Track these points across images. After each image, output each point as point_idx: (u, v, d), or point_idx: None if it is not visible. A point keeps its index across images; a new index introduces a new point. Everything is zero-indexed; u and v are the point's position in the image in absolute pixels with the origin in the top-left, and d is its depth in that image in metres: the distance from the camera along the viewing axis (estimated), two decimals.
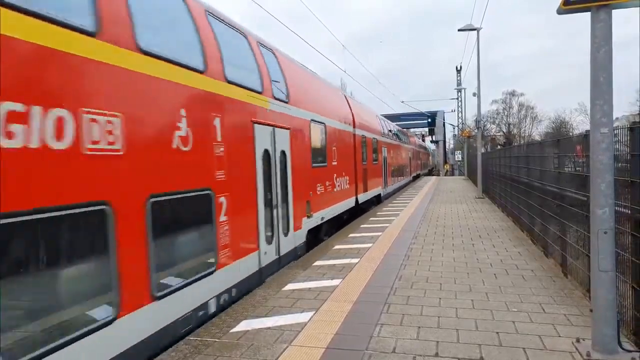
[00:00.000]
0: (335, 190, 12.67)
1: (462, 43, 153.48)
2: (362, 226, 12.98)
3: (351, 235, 11.48)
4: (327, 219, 11.76)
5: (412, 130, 54.12)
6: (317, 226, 10.83)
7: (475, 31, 22.93)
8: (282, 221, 8.59)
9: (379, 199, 20.33)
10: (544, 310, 5.63)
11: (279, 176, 8.51)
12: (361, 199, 16.14)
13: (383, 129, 22.75)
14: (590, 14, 4.26)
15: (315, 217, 10.60)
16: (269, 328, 5.30)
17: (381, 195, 20.87)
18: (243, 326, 5.39)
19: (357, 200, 15.52)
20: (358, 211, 15.91)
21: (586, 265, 5.65)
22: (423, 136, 66.90)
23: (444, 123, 65.15)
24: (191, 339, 5.06)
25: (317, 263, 8.51)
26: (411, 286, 6.82)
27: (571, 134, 33.27)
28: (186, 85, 5.56)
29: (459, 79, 54.65)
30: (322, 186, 11.39)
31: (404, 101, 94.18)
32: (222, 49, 6.64)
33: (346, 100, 15.88)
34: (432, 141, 70.96)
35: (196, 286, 5.59)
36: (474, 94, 37.76)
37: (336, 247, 10.00)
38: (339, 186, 13.04)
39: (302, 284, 7.13)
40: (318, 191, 11.00)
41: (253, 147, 7.41)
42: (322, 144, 11.64)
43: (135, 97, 4.65)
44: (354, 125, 15.71)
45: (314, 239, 10.76)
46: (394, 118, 41.38)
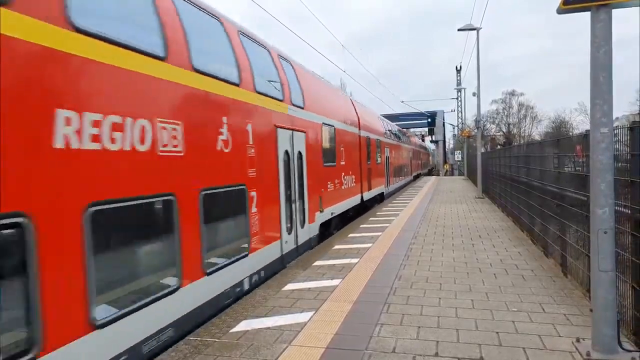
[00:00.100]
0: (343, 187, 13.56)
1: (462, 43, 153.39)
2: (362, 226, 12.98)
3: (351, 235, 11.48)
4: (336, 214, 12.61)
5: (411, 130, 54.11)
6: (327, 220, 11.69)
7: (475, 31, 22.95)
8: (299, 214, 9.51)
9: (381, 197, 20.98)
10: (544, 310, 5.63)
11: (296, 174, 9.41)
12: (366, 196, 16.85)
13: (385, 130, 23.32)
14: (590, 13, 4.26)
15: (326, 211, 11.50)
16: (268, 328, 5.30)
17: (384, 193, 21.45)
18: (243, 326, 5.39)
19: (362, 198, 16.25)
20: (363, 208, 16.57)
21: (586, 265, 5.66)
22: (423, 136, 66.88)
23: (443, 123, 65.18)
24: (191, 339, 5.06)
25: (317, 263, 8.51)
26: (411, 286, 6.82)
27: (571, 133, 33.27)
28: (227, 97, 6.61)
29: (458, 79, 54.66)
30: (332, 184, 12.26)
31: (403, 101, 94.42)
32: (252, 63, 7.61)
33: (352, 104, 16.59)
34: (431, 141, 70.98)
35: (235, 266, 6.62)
36: (473, 94, 37.70)
37: (336, 247, 10.00)
38: (346, 184, 13.92)
39: (302, 284, 7.13)
40: (328, 188, 11.86)
41: (276, 148, 8.37)
42: (331, 145, 12.48)
43: (191, 108, 5.65)
44: (359, 127, 16.40)
45: (325, 231, 11.55)
46: (393, 118, 41.42)
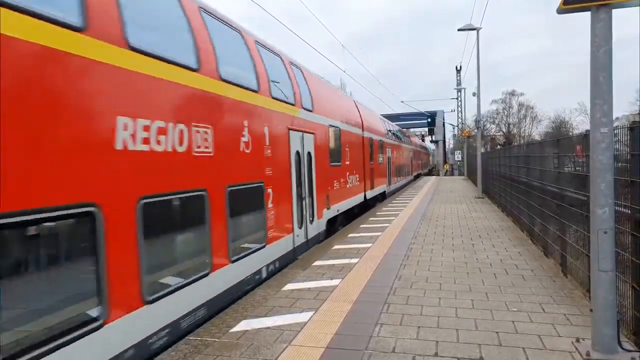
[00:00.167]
0: (348, 186, 14.24)
1: (462, 43, 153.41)
2: (361, 226, 12.98)
3: (351, 235, 11.47)
4: (342, 211, 13.26)
5: (411, 130, 54.11)
6: (333, 217, 12.37)
7: (475, 31, 22.96)
8: (309, 210, 10.20)
9: (383, 196, 21.52)
10: (543, 310, 5.62)
11: (306, 173, 10.05)
12: (369, 195, 17.50)
13: (387, 130, 23.83)
14: (590, 13, 4.25)
15: (332, 209, 12.20)
16: (268, 328, 5.30)
17: (385, 192, 21.99)
18: (242, 326, 5.39)
19: (365, 196, 16.82)
20: (366, 206, 17.13)
21: (586, 265, 5.65)
22: (423, 136, 66.87)
23: (443, 123, 65.17)
24: (191, 338, 5.06)
25: (317, 263, 8.51)
26: (411, 286, 6.82)
27: (571, 133, 33.26)
28: (248, 102, 7.26)
29: (458, 78, 54.68)
30: (338, 183, 12.93)
31: (403, 101, 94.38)
32: (268, 71, 8.25)
33: (355, 106, 17.16)
34: (431, 141, 70.98)
35: (254, 256, 7.27)
36: (473, 94, 37.70)
37: (336, 247, 10.00)
38: (350, 183, 14.61)
39: (302, 284, 7.12)
40: (334, 187, 12.54)
41: (288, 148, 8.99)
42: (337, 146, 13.13)
43: (219, 113, 6.33)
44: (363, 128, 16.97)
45: (331, 227, 12.19)
46: (393, 118, 41.41)
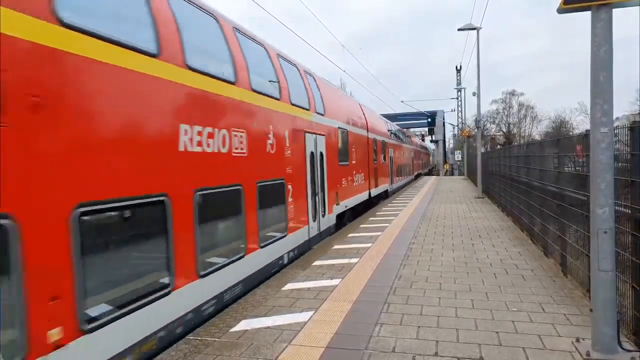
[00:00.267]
0: (355, 184, 15.26)
1: (462, 43, 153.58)
2: (361, 226, 12.98)
3: (350, 235, 11.48)
4: (349, 207, 14.35)
5: (412, 130, 54.10)
6: (342, 212, 13.39)
7: (475, 31, 22.95)
8: (321, 205, 11.21)
9: (386, 194, 22.33)
10: (543, 309, 5.62)
11: (318, 171, 11.04)
12: (373, 193, 18.51)
13: (388, 131, 24.54)
14: (591, 13, 4.25)
15: (341, 204, 13.25)
16: (268, 327, 5.30)
17: (388, 190, 22.80)
18: (242, 326, 5.39)
19: (369, 194, 17.81)
20: (370, 203, 18.08)
21: (586, 265, 5.65)
22: (423, 136, 66.85)
23: (443, 123, 65.16)
24: (191, 338, 5.06)
25: (317, 263, 8.51)
26: (411, 286, 6.82)
27: (571, 133, 33.25)
28: (272, 109, 8.24)
29: (458, 78, 54.62)
30: (346, 181, 13.96)
31: (403, 101, 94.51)
32: (288, 80, 9.27)
33: (361, 108, 18.02)
34: (431, 141, 70.95)
35: (278, 243, 8.33)
36: (473, 94, 37.67)
37: (335, 246, 10.00)
38: (357, 181, 15.61)
39: (302, 283, 7.12)
40: (343, 185, 13.56)
41: (304, 149, 9.94)
42: (345, 146, 14.06)
43: (251, 119, 7.33)
44: (367, 130, 17.86)
45: (339, 222, 13.15)
46: (393, 118, 41.39)
